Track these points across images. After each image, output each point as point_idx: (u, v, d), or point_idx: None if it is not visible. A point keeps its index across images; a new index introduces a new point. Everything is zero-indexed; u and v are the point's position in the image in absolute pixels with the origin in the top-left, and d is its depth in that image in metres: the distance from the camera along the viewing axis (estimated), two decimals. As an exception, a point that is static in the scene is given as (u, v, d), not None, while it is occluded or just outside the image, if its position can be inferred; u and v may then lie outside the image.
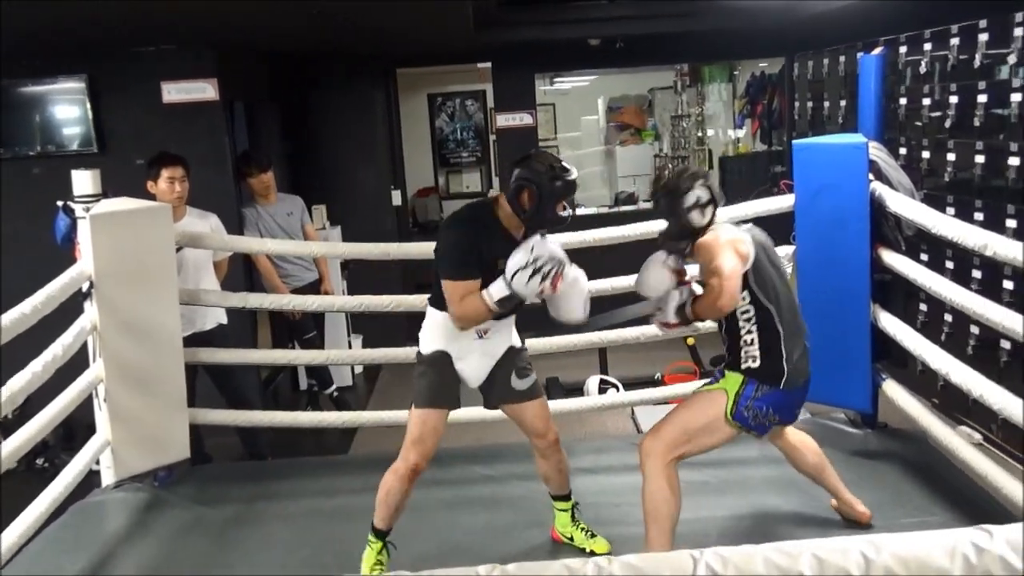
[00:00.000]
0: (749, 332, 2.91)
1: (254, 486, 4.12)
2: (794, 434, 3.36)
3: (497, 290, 2.89)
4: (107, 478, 3.95)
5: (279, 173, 6.03)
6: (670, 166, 9.09)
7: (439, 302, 3.07)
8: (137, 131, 5.20)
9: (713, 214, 2.94)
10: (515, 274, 2.85)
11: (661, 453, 2.90)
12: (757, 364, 2.91)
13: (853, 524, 3.37)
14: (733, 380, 2.93)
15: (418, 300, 4.21)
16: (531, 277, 2.85)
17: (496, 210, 3.01)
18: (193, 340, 4.32)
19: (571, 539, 3.37)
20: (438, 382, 3.12)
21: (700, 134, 9.02)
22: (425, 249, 4.13)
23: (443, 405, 3.13)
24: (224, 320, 4.64)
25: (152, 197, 4.26)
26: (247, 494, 4.02)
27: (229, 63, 5.45)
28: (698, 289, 3.03)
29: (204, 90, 5.16)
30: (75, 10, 3.69)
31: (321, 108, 7.04)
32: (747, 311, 2.89)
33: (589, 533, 3.36)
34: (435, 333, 3.14)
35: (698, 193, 2.88)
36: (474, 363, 3.16)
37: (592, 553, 3.31)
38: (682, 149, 9.15)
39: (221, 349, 4.39)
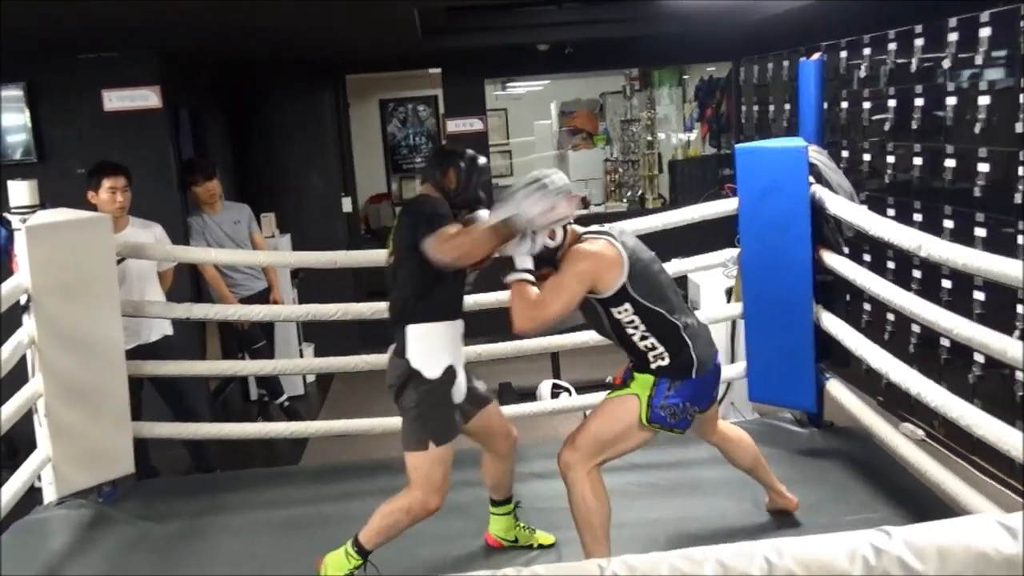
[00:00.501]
0: (645, 338, 2.82)
1: (202, 500, 4.06)
2: (729, 430, 3.39)
3: (496, 213, 2.70)
4: (49, 495, 3.87)
5: (226, 181, 5.97)
6: (619, 170, 9.15)
7: (426, 310, 2.84)
8: (78, 140, 5.11)
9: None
10: (518, 191, 2.69)
11: (580, 463, 2.87)
12: (667, 362, 2.84)
13: (783, 514, 3.47)
14: (643, 382, 2.86)
15: (366, 308, 4.20)
16: (535, 192, 2.66)
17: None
18: (138, 352, 4.25)
19: (515, 540, 3.35)
20: (451, 411, 2.92)
21: (650, 138, 9.08)
22: (374, 256, 4.14)
23: (455, 436, 2.95)
24: (170, 331, 4.57)
25: (93, 208, 4.19)
26: (194, 508, 3.96)
27: (173, 70, 5.38)
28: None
29: (147, 97, 5.09)
30: (12, 15, 3.61)
31: (269, 114, 6.98)
32: (632, 321, 2.80)
33: (530, 530, 3.36)
34: (437, 347, 2.87)
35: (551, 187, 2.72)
36: (462, 374, 2.99)
37: (541, 547, 3.36)
38: (632, 153, 9.20)
39: (167, 361, 4.33)
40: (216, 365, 5.30)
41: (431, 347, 2.86)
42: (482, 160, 2.99)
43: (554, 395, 5.51)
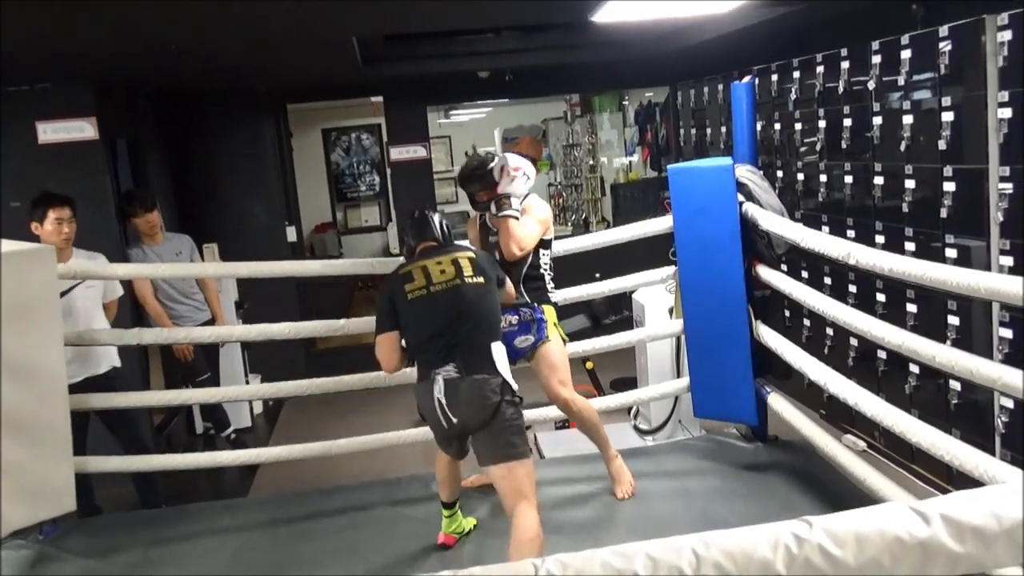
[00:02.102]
0: (549, 276, 3.81)
1: (148, 534, 3.98)
2: None
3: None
4: (-15, 535, 3.76)
5: (167, 212, 5.91)
6: (563, 194, 9.25)
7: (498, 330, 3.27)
8: (12, 173, 4.99)
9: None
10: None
11: (570, 391, 3.76)
12: (557, 298, 3.85)
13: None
14: (550, 312, 3.77)
15: (316, 326, 4.18)
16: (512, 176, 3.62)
17: None
18: (88, 384, 4.18)
19: (464, 531, 3.64)
20: None
21: (592, 162, 9.22)
22: (325, 267, 4.15)
23: None
24: (118, 363, 4.51)
25: (36, 239, 4.11)
26: (140, 543, 3.88)
27: (109, 100, 5.32)
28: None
29: (82, 129, 5.01)
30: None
31: (209, 144, 6.93)
32: (547, 264, 3.80)
33: (469, 520, 3.69)
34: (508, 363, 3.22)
35: (514, 160, 3.73)
36: None
37: (475, 527, 3.70)
38: (575, 177, 9.33)
39: (116, 393, 4.25)
40: (161, 395, 5.18)
41: (508, 364, 3.19)
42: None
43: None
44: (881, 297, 4.43)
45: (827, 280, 4.91)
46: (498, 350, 3.14)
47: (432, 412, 3.08)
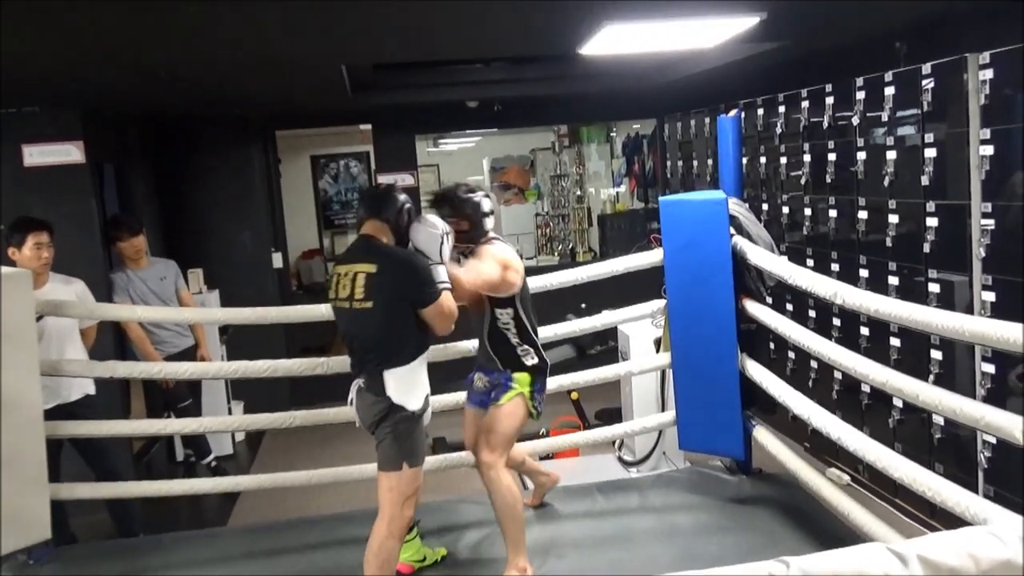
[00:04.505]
0: (516, 341, 3.47)
1: (123, 564, 3.92)
2: None
3: (443, 272, 3.18)
4: (-42, 565, 3.70)
5: (152, 236, 5.89)
6: (551, 224, 9.29)
7: (413, 349, 3.15)
8: (-3, 196, 4.98)
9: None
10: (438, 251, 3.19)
11: (498, 460, 3.41)
12: (535, 361, 3.49)
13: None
14: (523, 379, 3.46)
15: (298, 364, 4.12)
16: (442, 246, 3.19)
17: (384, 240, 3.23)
18: (58, 412, 4.12)
19: (424, 559, 3.60)
20: (423, 436, 3.23)
21: (580, 192, 9.26)
22: (305, 312, 4.08)
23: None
24: (92, 391, 4.45)
25: (13, 264, 4.08)
26: (116, 573, 3.82)
27: (97, 125, 5.32)
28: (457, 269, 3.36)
29: (69, 152, 5.00)
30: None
31: (197, 170, 6.92)
32: (508, 324, 3.45)
33: (431, 548, 3.66)
34: (419, 381, 3.18)
35: (490, 203, 3.45)
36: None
37: (444, 558, 3.69)
38: (563, 207, 9.36)
39: (87, 421, 4.20)
40: (139, 424, 5.15)
41: (414, 381, 3.15)
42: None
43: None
44: (865, 331, 4.44)
45: (811, 313, 4.93)
46: (393, 377, 3.10)
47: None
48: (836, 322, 4.69)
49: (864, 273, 4.43)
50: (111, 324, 4.97)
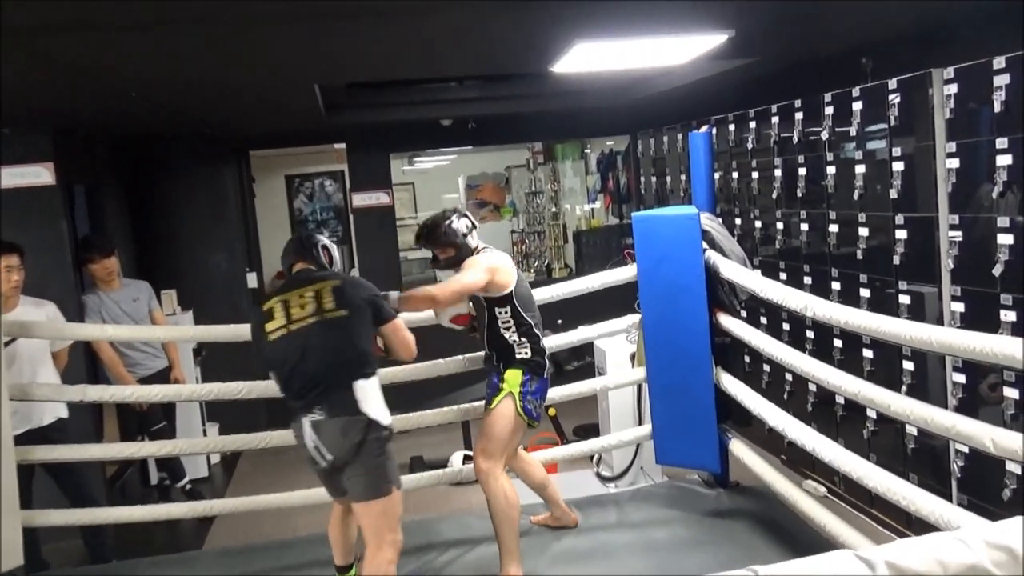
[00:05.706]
0: (514, 338, 3.57)
1: (96, 591, 3.88)
2: (523, 452, 3.98)
3: (394, 300, 3.34)
4: (-72, 594, 3.63)
5: (125, 257, 5.84)
6: (526, 241, 9.31)
7: (375, 364, 3.14)
8: (-34, 218, 4.93)
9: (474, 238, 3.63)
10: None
11: (495, 466, 3.47)
12: (528, 355, 3.56)
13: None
14: (512, 378, 3.53)
15: (271, 385, 4.07)
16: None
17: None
18: (30, 437, 4.07)
19: None
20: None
21: (555, 209, 9.30)
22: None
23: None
24: (64, 414, 4.40)
25: (-18, 287, 4.04)
26: (88, 600, 3.78)
27: (68, 146, 5.27)
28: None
29: (39, 174, 4.95)
30: None
31: (169, 190, 6.87)
32: (507, 323, 3.56)
33: None
34: (381, 398, 3.14)
35: (464, 222, 3.61)
36: None
37: None
38: (538, 224, 9.40)
39: (60, 445, 4.14)
40: (111, 448, 5.07)
41: (380, 396, 3.11)
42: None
43: (466, 465, 5.48)
44: (838, 343, 4.48)
45: (785, 326, 4.97)
46: (363, 388, 3.04)
47: (308, 453, 3.12)
48: (810, 334, 4.73)
49: (836, 286, 4.47)
50: (83, 346, 4.92)
